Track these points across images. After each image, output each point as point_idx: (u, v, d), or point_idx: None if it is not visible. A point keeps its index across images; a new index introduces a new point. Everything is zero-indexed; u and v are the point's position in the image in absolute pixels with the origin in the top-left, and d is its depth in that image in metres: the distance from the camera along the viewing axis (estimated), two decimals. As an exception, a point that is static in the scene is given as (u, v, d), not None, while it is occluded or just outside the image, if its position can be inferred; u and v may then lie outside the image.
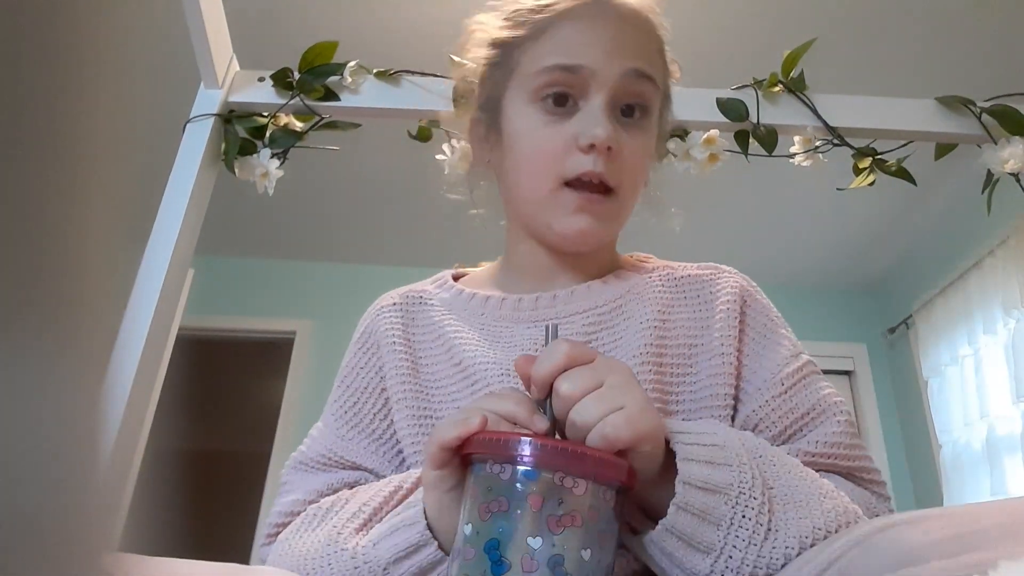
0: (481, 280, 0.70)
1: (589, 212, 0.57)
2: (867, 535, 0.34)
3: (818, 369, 0.59)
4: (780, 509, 0.41)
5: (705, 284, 0.63)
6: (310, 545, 0.52)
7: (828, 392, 0.57)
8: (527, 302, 0.63)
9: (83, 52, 0.14)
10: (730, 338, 0.58)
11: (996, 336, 2.47)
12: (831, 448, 0.54)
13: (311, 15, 1.96)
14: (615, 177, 0.57)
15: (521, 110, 0.60)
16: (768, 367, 0.57)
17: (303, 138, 1.22)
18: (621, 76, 0.57)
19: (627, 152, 0.58)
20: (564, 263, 0.64)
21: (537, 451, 0.38)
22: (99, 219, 0.14)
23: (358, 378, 0.64)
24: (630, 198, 0.61)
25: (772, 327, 0.60)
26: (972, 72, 2.00)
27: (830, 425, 0.55)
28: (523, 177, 0.60)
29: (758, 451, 0.44)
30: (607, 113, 0.57)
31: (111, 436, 0.87)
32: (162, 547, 0.58)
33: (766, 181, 2.56)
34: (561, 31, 0.59)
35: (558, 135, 0.57)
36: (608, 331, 0.60)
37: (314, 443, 0.64)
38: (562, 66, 0.57)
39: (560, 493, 0.37)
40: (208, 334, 3.12)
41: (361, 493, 0.55)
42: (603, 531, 0.38)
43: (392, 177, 2.59)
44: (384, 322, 0.65)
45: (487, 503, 0.38)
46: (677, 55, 0.68)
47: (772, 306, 0.63)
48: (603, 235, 0.61)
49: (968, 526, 0.30)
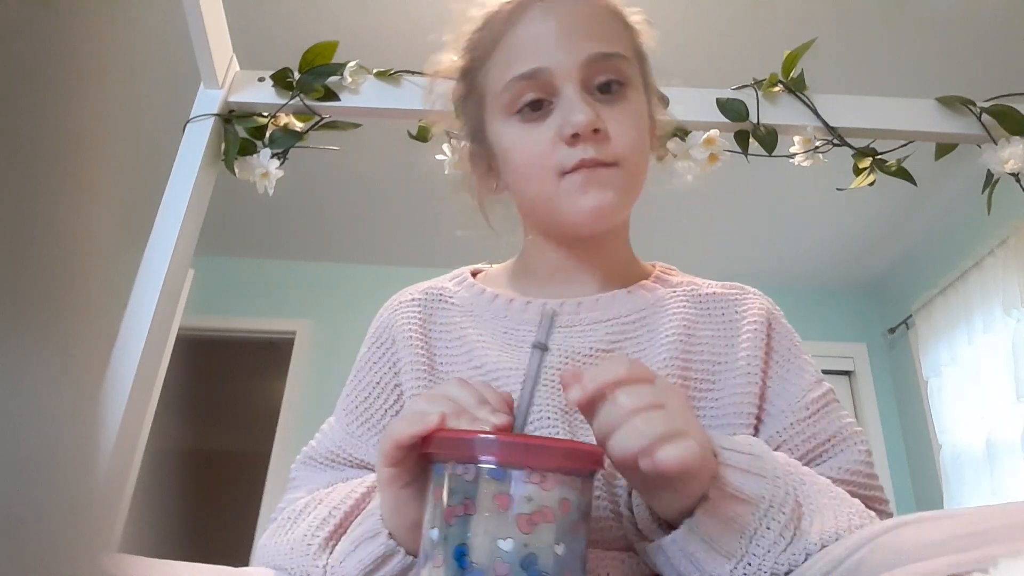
0: (500, 280, 0.69)
1: (598, 185, 0.56)
2: (875, 535, 0.35)
3: (838, 398, 0.59)
4: (806, 523, 0.42)
5: (731, 303, 0.62)
6: (284, 550, 0.52)
7: (849, 421, 0.57)
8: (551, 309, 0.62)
9: (83, 52, 0.14)
10: (756, 359, 0.58)
11: (996, 336, 2.47)
12: (851, 476, 0.54)
13: (311, 15, 1.96)
14: (613, 154, 0.56)
15: (502, 128, 0.60)
16: (793, 391, 0.57)
17: (303, 138, 1.22)
18: (583, 64, 0.56)
19: (617, 127, 0.57)
20: (582, 260, 0.63)
21: (501, 449, 0.36)
22: (99, 219, 0.14)
23: (371, 372, 0.64)
24: (636, 168, 0.59)
25: (796, 352, 0.60)
26: (972, 72, 2.00)
27: (852, 454, 0.55)
28: (526, 185, 0.60)
29: (791, 467, 0.45)
30: (583, 98, 0.56)
31: (111, 436, 0.87)
32: (162, 547, 0.58)
33: (766, 181, 2.56)
34: (509, 41, 0.58)
35: (543, 136, 0.57)
36: (631, 341, 0.59)
37: (324, 438, 0.64)
38: (521, 76, 0.57)
39: (528, 491, 0.36)
40: (208, 334, 3.12)
41: (336, 492, 0.54)
42: (576, 520, 0.37)
43: (392, 177, 2.59)
44: (402, 317, 0.64)
45: (452, 506, 0.37)
46: (678, 55, 0.68)
47: (794, 331, 0.63)
48: (620, 207, 0.58)
49: (972, 527, 0.31)
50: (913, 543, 0.32)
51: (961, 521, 0.32)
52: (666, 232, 0.64)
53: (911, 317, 3.05)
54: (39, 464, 0.13)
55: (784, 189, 2.67)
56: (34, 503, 0.13)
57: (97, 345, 0.14)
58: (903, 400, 3.18)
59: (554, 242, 0.63)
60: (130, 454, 0.95)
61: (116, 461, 0.91)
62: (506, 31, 0.59)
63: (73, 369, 0.14)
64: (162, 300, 1.02)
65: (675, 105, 1.19)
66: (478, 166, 0.66)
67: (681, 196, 0.73)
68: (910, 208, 2.79)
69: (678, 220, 2.62)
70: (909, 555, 0.32)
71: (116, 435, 0.89)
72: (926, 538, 0.32)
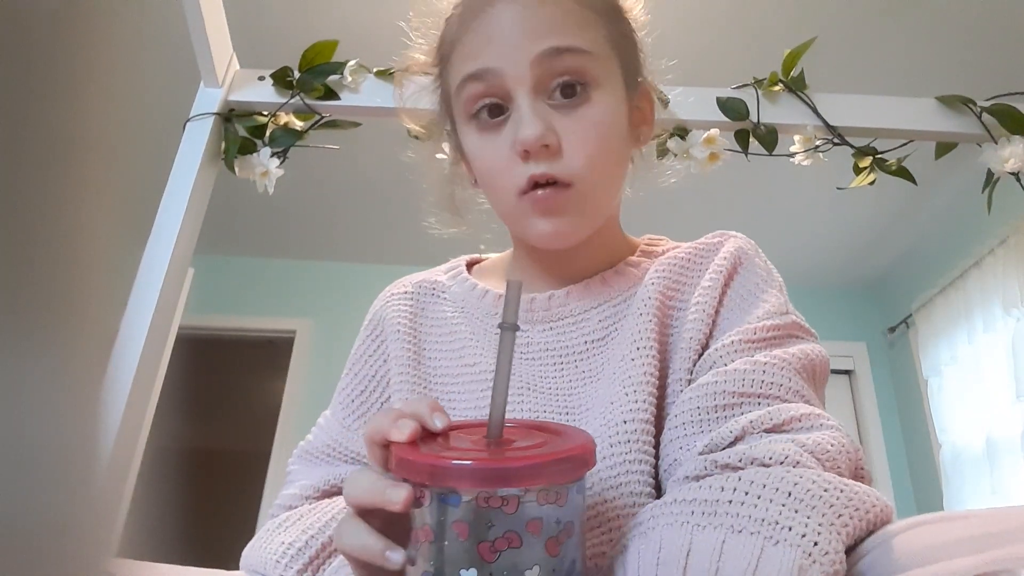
0: (494, 272, 0.67)
1: (552, 212, 0.53)
2: (891, 535, 0.34)
3: (805, 334, 0.53)
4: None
5: (710, 251, 0.59)
6: (261, 563, 0.52)
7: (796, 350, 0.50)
8: (540, 302, 0.60)
9: (83, 51, 0.14)
10: (714, 290, 0.54)
11: (996, 335, 2.47)
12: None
13: (311, 14, 1.96)
14: (566, 171, 0.52)
15: (464, 132, 0.57)
16: (743, 318, 0.53)
17: (303, 137, 1.22)
18: (534, 63, 0.51)
19: (572, 139, 0.52)
20: (565, 261, 0.61)
21: (449, 473, 0.33)
22: (99, 218, 0.14)
23: (365, 366, 0.64)
24: (597, 183, 0.54)
25: (762, 287, 0.55)
26: (972, 72, 2.00)
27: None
28: (490, 194, 0.58)
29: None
30: (534, 107, 0.51)
31: (111, 436, 0.87)
32: (162, 546, 0.58)
33: (766, 180, 2.56)
34: (463, 39, 0.54)
35: (497, 150, 0.53)
36: (625, 320, 0.57)
37: (320, 432, 0.64)
38: (468, 76, 0.53)
39: (489, 516, 0.32)
40: (208, 333, 3.12)
41: (318, 513, 0.54)
42: (555, 535, 0.33)
43: (392, 177, 2.59)
44: (392, 309, 0.64)
45: (414, 531, 0.34)
46: (678, 55, 0.66)
47: (773, 270, 0.58)
48: (581, 227, 0.55)
49: (991, 527, 0.31)
50: (927, 544, 0.32)
51: (975, 522, 0.32)
52: (666, 231, 0.64)
53: (911, 316, 3.05)
54: (39, 463, 0.13)
55: (784, 188, 2.67)
56: (34, 502, 0.13)
57: (97, 344, 0.14)
58: (903, 400, 3.18)
59: (531, 244, 0.61)
60: (130, 453, 0.95)
61: (116, 460, 0.91)
62: (462, 29, 0.55)
63: (73, 368, 0.14)
64: (162, 299, 1.02)
65: (675, 104, 1.19)
66: (461, 159, 0.64)
67: (681, 195, 0.72)
68: (910, 208, 2.79)
69: (678, 219, 2.61)
70: (923, 556, 0.31)
71: (116, 434, 0.89)
72: (940, 539, 0.32)
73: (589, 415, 0.53)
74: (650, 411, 0.50)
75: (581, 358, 0.57)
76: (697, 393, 0.48)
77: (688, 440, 0.47)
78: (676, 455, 0.47)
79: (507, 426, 0.39)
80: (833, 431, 0.43)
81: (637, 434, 0.48)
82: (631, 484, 0.47)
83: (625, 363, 0.52)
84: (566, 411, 0.54)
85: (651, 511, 0.38)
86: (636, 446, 0.48)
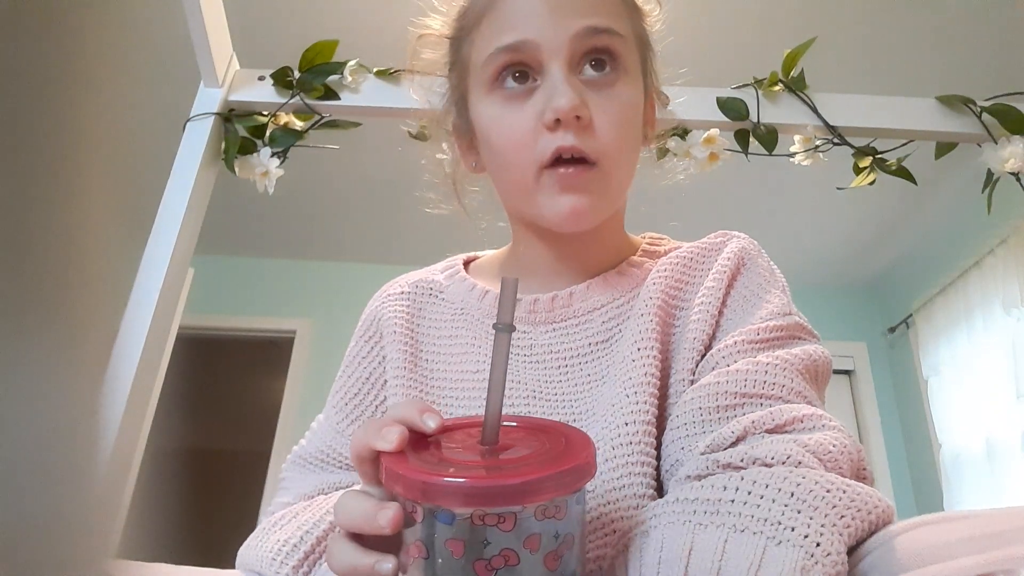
0: (492, 271, 0.66)
1: (576, 189, 0.52)
2: (892, 535, 0.34)
3: (808, 335, 0.53)
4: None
5: (713, 251, 0.59)
6: (256, 562, 0.51)
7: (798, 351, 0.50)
8: (543, 303, 0.59)
9: (83, 51, 0.14)
10: (718, 291, 0.54)
11: (996, 335, 2.47)
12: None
13: (311, 15, 1.96)
14: (594, 147, 0.51)
15: (483, 104, 0.56)
16: (746, 320, 0.52)
17: (303, 137, 1.22)
18: (572, 38, 0.52)
19: (603, 114, 0.52)
20: (570, 253, 0.60)
21: (442, 491, 0.31)
22: (99, 218, 0.14)
23: (360, 368, 0.62)
24: (620, 165, 0.54)
25: (766, 287, 0.55)
26: (972, 72, 2.00)
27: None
28: (504, 171, 0.56)
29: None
30: (568, 79, 0.51)
31: (111, 436, 0.87)
32: (162, 545, 0.58)
33: (766, 180, 2.56)
34: (498, 10, 0.54)
35: (523, 118, 0.53)
36: (628, 321, 0.56)
37: (314, 437, 0.63)
38: (505, 47, 0.52)
39: (484, 533, 0.31)
40: (208, 333, 3.12)
41: (313, 510, 0.53)
42: (555, 549, 0.32)
43: (392, 177, 2.59)
44: (389, 310, 0.62)
45: (406, 546, 0.33)
46: (678, 55, 0.66)
47: (776, 270, 0.58)
48: (600, 210, 0.54)
49: (992, 527, 0.31)
50: (929, 544, 0.32)
51: (976, 523, 0.31)
52: (666, 231, 0.64)
53: (911, 316, 3.05)
54: (39, 463, 0.13)
55: (784, 188, 2.67)
56: (34, 502, 0.13)
57: (97, 344, 0.14)
58: (903, 399, 3.18)
59: (538, 234, 0.60)
60: (130, 453, 0.95)
61: (116, 460, 0.91)
62: (498, 1, 0.55)
63: (73, 368, 0.14)
64: (162, 299, 1.02)
65: (675, 104, 1.19)
66: (461, 139, 0.62)
67: (681, 195, 0.72)
68: (910, 208, 2.79)
69: (678, 219, 2.61)
70: (925, 556, 0.31)
71: (116, 434, 0.89)
72: (942, 539, 0.31)
73: (593, 419, 0.52)
74: (651, 412, 0.49)
75: (585, 361, 0.56)
76: (699, 394, 0.47)
77: (690, 440, 0.46)
78: (678, 455, 0.47)
79: (504, 425, 0.37)
80: (835, 432, 0.43)
81: (639, 436, 0.48)
82: (633, 486, 0.47)
83: (627, 364, 0.52)
84: (572, 417, 0.54)
85: (653, 510, 0.38)
86: (638, 448, 0.48)
